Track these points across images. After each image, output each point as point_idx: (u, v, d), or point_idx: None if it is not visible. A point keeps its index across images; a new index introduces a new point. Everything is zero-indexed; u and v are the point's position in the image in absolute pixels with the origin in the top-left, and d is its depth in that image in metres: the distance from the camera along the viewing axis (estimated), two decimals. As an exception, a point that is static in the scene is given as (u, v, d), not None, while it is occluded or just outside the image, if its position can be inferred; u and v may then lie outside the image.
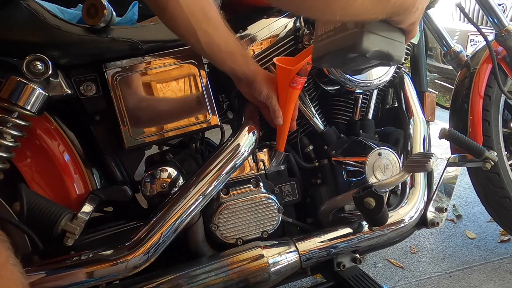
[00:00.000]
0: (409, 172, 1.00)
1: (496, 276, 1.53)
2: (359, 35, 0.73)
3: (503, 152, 1.47)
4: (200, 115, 1.04)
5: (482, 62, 1.45)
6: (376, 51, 0.74)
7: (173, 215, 0.95)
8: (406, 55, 1.20)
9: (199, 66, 1.03)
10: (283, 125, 1.04)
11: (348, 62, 0.81)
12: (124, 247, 0.94)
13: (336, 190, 1.15)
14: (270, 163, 1.11)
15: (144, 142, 1.00)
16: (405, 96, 1.25)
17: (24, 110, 0.87)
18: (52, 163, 0.96)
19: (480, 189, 1.52)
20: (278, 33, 1.11)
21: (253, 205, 1.06)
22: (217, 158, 0.99)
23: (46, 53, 0.88)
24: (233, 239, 1.05)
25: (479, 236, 1.78)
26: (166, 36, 0.99)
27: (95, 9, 0.95)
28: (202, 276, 0.98)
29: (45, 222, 0.87)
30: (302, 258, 1.05)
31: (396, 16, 0.72)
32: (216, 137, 1.16)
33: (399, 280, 1.53)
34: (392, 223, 1.11)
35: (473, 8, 3.26)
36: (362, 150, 1.11)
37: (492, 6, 1.41)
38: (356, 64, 0.82)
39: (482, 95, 1.43)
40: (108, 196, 1.01)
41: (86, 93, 0.98)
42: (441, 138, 1.22)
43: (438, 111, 1.35)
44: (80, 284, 0.91)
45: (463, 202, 2.03)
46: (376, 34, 0.73)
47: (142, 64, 1.00)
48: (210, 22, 0.93)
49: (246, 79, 1.01)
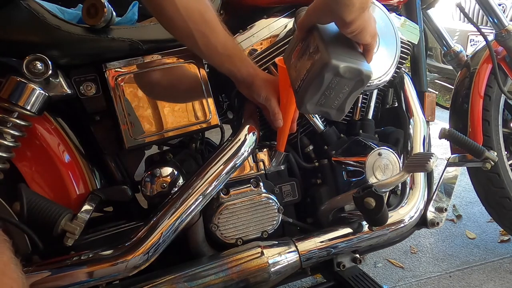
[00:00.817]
0: (409, 172, 1.00)
1: (496, 276, 1.53)
2: (326, 56, 0.81)
3: (503, 152, 1.47)
4: (200, 115, 1.04)
5: (482, 62, 1.45)
6: (346, 66, 0.81)
7: (173, 215, 0.95)
8: (406, 55, 1.20)
9: (199, 66, 1.03)
10: (283, 125, 1.04)
11: (328, 93, 0.85)
12: (124, 247, 0.94)
13: (336, 190, 1.15)
14: (270, 163, 1.11)
15: (144, 142, 1.00)
16: (405, 96, 1.25)
17: (24, 110, 0.87)
18: (52, 163, 0.96)
19: (480, 189, 1.52)
20: (278, 33, 1.11)
21: (253, 205, 1.05)
22: (217, 158, 0.99)
23: (46, 53, 0.88)
24: (233, 239, 1.05)
25: (479, 236, 1.78)
26: (166, 36, 0.99)
27: (95, 9, 0.95)
28: (202, 276, 0.98)
29: (45, 222, 0.87)
30: (302, 258, 1.05)
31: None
32: (216, 137, 1.16)
33: (399, 280, 1.53)
34: (392, 223, 1.11)
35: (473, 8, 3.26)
36: (362, 150, 1.11)
37: (492, 6, 1.41)
38: (335, 93, 0.85)
39: (482, 95, 1.43)
40: (108, 196, 1.01)
41: (86, 93, 0.98)
42: (441, 138, 1.22)
43: (438, 111, 1.35)
44: (80, 284, 0.91)
45: (463, 202, 2.03)
46: (340, 53, 0.82)
47: (142, 64, 1.00)
48: (207, 24, 0.93)
49: (245, 81, 1.01)
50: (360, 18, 0.80)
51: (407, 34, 1.20)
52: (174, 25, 0.93)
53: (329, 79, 0.82)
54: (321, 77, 0.82)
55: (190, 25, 0.91)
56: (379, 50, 1.09)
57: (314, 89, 0.84)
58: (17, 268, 0.62)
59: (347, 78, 0.83)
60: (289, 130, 1.07)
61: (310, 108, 0.87)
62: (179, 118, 1.02)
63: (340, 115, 0.89)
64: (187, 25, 0.91)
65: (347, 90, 0.85)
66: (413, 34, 1.21)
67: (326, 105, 0.87)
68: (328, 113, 0.89)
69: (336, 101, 0.86)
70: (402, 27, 1.19)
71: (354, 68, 0.82)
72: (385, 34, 1.10)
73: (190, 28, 0.91)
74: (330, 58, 0.81)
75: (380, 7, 1.11)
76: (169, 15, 0.90)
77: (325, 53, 0.82)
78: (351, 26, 0.81)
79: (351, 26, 0.81)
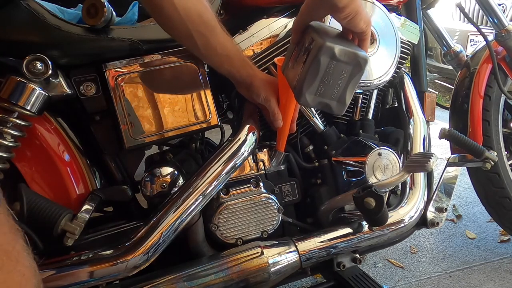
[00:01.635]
0: (409, 172, 1.00)
1: (496, 276, 1.53)
2: (321, 40, 0.82)
3: (503, 152, 1.47)
4: (200, 115, 1.04)
5: (482, 62, 1.45)
6: (342, 48, 0.82)
7: (173, 215, 0.95)
8: (406, 55, 1.20)
9: (199, 66, 1.03)
10: (283, 125, 1.04)
11: (326, 80, 0.85)
12: (124, 247, 0.94)
13: (336, 190, 1.15)
14: (270, 163, 1.11)
15: (144, 142, 1.00)
16: (405, 96, 1.25)
17: (24, 110, 0.87)
18: (52, 163, 0.96)
19: (480, 189, 1.52)
20: (278, 33, 1.11)
21: (253, 205, 1.05)
22: (217, 158, 0.99)
23: (46, 53, 0.88)
24: (233, 239, 1.05)
25: (479, 236, 1.78)
26: (166, 36, 0.99)
27: (95, 9, 0.95)
28: (202, 276, 0.98)
29: (45, 222, 0.87)
30: (302, 258, 1.05)
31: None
32: (216, 137, 1.16)
33: (399, 280, 1.54)
34: (392, 223, 1.11)
35: (473, 8, 3.26)
36: (362, 150, 1.11)
37: (492, 6, 1.41)
38: (334, 80, 0.85)
39: (482, 95, 1.43)
40: (108, 196, 1.01)
41: (86, 93, 0.98)
42: (441, 138, 1.22)
43: (438, 111, 1.35)
44: (80, 284, 0.91)
45: (463, 202, 2.03)
46: (335, 40, 0.84)
47: (142, 64, 1.00)
48: (206, 24, 0.93)
49: (244, 82, 1.01)
50: (352, 2, 0.82)
51: (407, 34, 1.20)
52: (172, 26, 0.93)
53: (325, 63, 0.83)
54: (317, 61, 0.83)
55: (189, 26, 0.91)
56: (379, 50, 1.09)
57: (312, 76, 0.84)
58: (29, 256, 0.64)
59: (343, 62, 0.83)
60: (289, 130, 1.07)
61: (310, 98, 0.86)
62: (179, 118, 1.02)
63: (341, 108, 0.88)
64: (186, 26, 0.91)
65: (346, 76, 0.85)
66: (413, 34, 1.21)
67: (325, 95, 0.86)
68: (329, 106, 0.88)
69: (336, 90, 0.86)
70: (402, 27, 1.19)
71: (349, 51, 0.83)
72: (385, 34, 1.10)
73: (189, 28, 0.91)
74: (325, 41, 0.82)
75: (380, 7, 1.11)
76: (168, 16, 0.90)
77: (320, 39, 0.83)
78: (345, 10, 0.82)
79: (345, 10, 0.82)
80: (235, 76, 1.00)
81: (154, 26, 1.01)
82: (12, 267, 0.60)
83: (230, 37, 1.00)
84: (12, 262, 0.60)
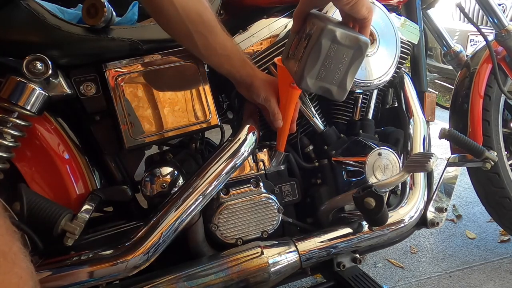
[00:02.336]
0: (409, 172, 1.00)
1: (496, 276, 1.53)
2: (322, 24, 0.83)
3: (503, 152, 1.47)
4: (200, 115, 1.04)
5: (482, 62, 1.45)
6: (343, 32, 0.83)
7: (173, 215, 0.95)
8: (406, 55, 1.20)
9: (199, 66, 1.03)
10: (283, 125, 1.04)
11: (327, 64, 0.85)
12: (124, 247, 0.94)
13: (336, 190, 1.15)
14: (270, 163, 1.11)
15: (144, 142, 1.00)
16: (405, 96, 1.25)
17: (24, 110, 0.87)
18: (52, 163, 0.96)
19: (480, 189, 1.52)
20: (278, 33, 1.11)
21: (253, 205, 1.05)
22: (217, 158, 0.99)
23: (46, 53, 0.88)
24: (233, 239, 1.05)
25: (479, 236, 1.78)
26: (166, 36, 0.99)
27: (95, 9, 0.95)
28: (202, 276, 0.98)
29: (45, 222, 0.87)
30: (302, 258, 1.05)
31: None
32: (216, 137, 1.16)
33: (399, 280, 1.54)
34: (392, 223, 1.11)
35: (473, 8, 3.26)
36: (362, 150, 1.11)
37: (492, 6, 1.41)
38: (335, 64, 0.85)
39: (482, 95, 1.43)
40: (108, 196, 1.01)
41: (86, 93, 0.98)
42: (441, 138, 1.22)
43: (438, 111, 1.35)
44: (80, 284, 0.91)
45: (463, 202, 2.03)
46: (336, 25, 0.83)
47: (142, 64, 1.00)
48: (206, 24, 0.93)
49: (244, 82, 1.01)
50: None
51: (407, 34, 1.20)
52: (172, 26, 0.93)
53: (327, 46, 0.83)
54: (319, 44, 0.83)
55: (189, 26, 0.91)
56: (379, 50, 1.10)
57: (313, 59, 0.84)
58: (26, 258, 0.64)
59: (345, 46, 0.83)
60: (289, 130, 1.07)
61: (311, 82, 0.86)
62: (179, 118, 1.02)
63: (342, 93, 0.88)
64: (186, 26, 0.91)
65: (347, 60, 0.85)
66: (413, 34, 1.21)
67: (326, 80, 0.86)
68: (329, 91, 0.88)
69: (337, 74, 0.86)
70: (402, 27, 1.19)
71: (351, 34, 0.83)
72: (385, 34, 1.10)
73: (188, 28, 0.91)
74: (326, 24, 0.82)
75: (380, 7, 1.11)
76: (168, 16, 0.90)
77: (322, 23, 0.83)
78: None
79: None
80: (235, 76, 1.00)
81: (154, 26, 1.01)
82: (9, 269, 0.60)
83: (230, 37, 1.00)
84: (9, 264, 0.60)
